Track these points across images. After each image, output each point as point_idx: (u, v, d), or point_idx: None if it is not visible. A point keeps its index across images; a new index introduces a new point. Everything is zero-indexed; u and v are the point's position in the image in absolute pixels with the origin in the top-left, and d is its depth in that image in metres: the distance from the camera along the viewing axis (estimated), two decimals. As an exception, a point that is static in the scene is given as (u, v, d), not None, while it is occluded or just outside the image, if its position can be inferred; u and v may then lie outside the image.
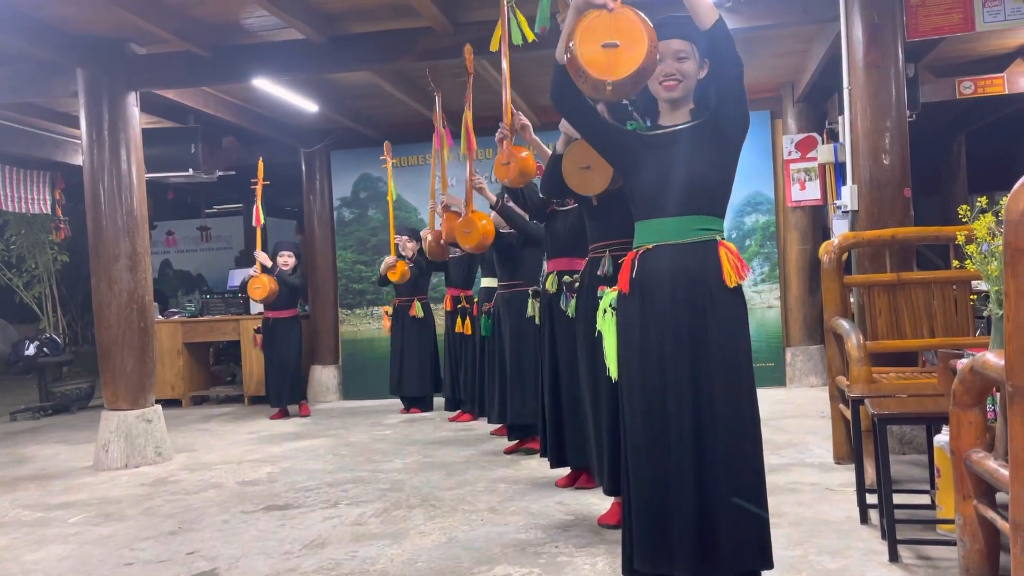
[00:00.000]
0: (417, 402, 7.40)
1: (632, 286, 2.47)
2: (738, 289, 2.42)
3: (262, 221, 7.36)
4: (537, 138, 3.98)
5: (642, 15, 2.21)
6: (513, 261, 5.19)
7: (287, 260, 7.42)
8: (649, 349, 2.42)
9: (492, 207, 4.91)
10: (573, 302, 3.67)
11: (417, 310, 7.21)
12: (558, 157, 3.30)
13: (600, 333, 2.75)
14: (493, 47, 4.00)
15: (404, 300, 7.29)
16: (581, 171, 3.21)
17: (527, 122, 3.97)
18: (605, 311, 2.75)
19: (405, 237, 7.29)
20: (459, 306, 6.70)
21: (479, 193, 4.90)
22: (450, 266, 6.80)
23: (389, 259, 7.14)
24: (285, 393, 7.39)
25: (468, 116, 4.92)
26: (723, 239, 2.44)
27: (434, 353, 7.33)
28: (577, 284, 3.64)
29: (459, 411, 6.84)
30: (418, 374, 7.25)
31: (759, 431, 2.41)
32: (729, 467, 2.33)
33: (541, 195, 3.96)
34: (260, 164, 7.34)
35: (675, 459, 2.36)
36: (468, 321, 6.60)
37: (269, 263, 7.27)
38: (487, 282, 5.99)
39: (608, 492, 3.59)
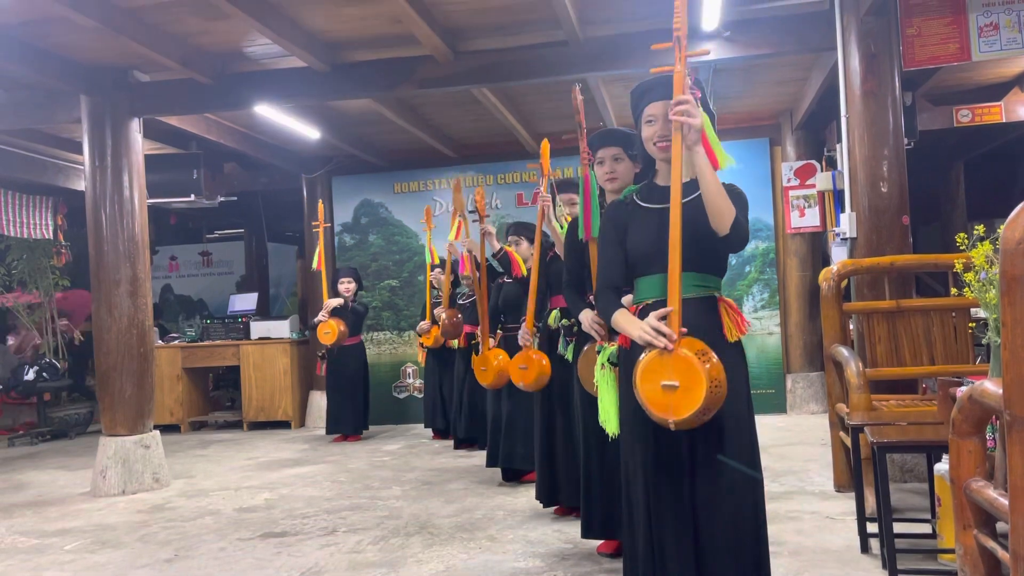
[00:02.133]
0: (448, 434, 7.28)
1: (634, 341, 2.46)
2: (738, 344, 2.41)
3: (322, 267, 7.35)
4: (557, 228, 4.05)
5: (702, 350, 2.18)
6: (517, 307, 5.19)
7: (348, 287, 7.47)
8: None
9: (494, 254, 4.95)
10: (572, 346, 3.67)
11: (452, 341, 7.14)
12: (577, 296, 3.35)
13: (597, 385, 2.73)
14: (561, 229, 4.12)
15: (437, 347, 7.20)
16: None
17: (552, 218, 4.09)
18: (603, 365, 2.73)
19: (437, 270, 7.22)
20: (473, 342, 6.57)
21: (487, 239, 4.99)
22: (465, 308, 6.76)
23: (423, 325, 7.15)
24: (347, 422, 7.37)
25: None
26: (721, 295, 2.44)
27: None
28: (576, 329, 3.64)
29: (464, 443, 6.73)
30: (449, 406, 7.13)
31: (761, 482, 2.39)
32: (730, 521, 2.30)
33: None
34: (320, 207, 7.44)
35: (675, 513, 2.33)
36: None
37: (340, 302, 7.32)
38: None
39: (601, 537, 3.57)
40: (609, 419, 2.73)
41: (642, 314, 2.44)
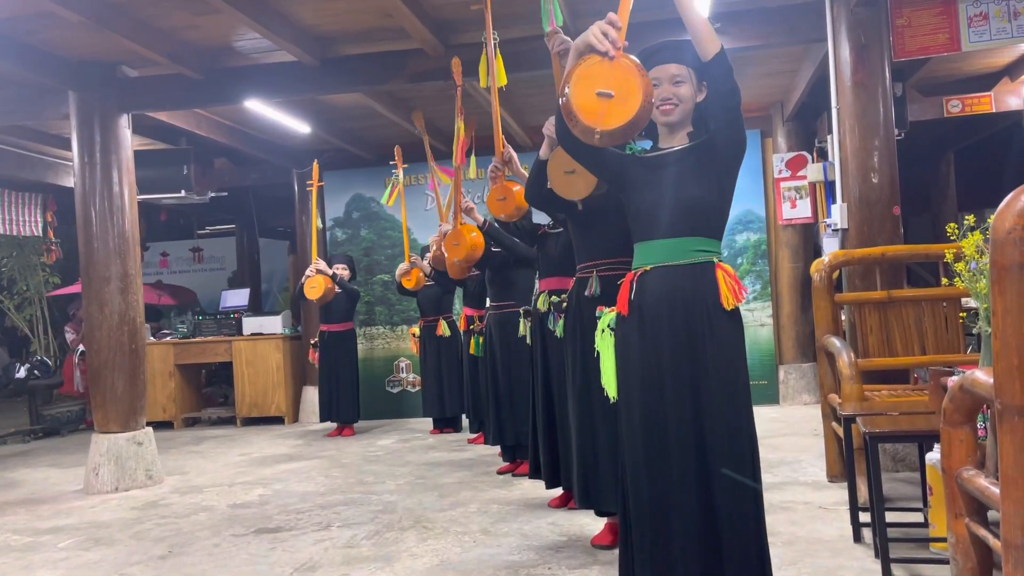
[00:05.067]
0: (451, 422, 7.27)
1: (631, 307, 2.47)
2: (735, 311, 2.42)
3: (318, 225, 7.31)
4: (523, 171, 4.03)
5: (641, 67, 2.17)
6: (505, 281, 5.20)
7: (342, 273, 7.43)
8: (648, 370, 2.41)
9: (480, 228, 4.93)
10: (561, 322, 3.67)
11: (443, 329, 7.07)
12: (542, 163, 3.27)
13: (598, 353, 2.75)
14: (482, 84, 4.07)
15: (430, 320, 7.21)
16: (565, 175, 3.17)
17: (513, 154, 4.02)
18: (603, 331, 2.75)
19: (416, 256, 7.17)
20: (471, 327, 6.44)
21: (467, 215, 4.93)
22: (468, 284, 6.71)
23: (403, 266, 7.06)
24: (341, 408, 7.33)
25: (460, 126, 4.92)
26: (720, 261, 2.44)
27: (462, 373, 7.13)
28: (565, 304, 3.65)
29: (480, 432, 6.57)
30: (446, 395, 7.11)
31: (757, 451, 2.42)
32: (729, 486, 2.33)
33: (526, 199, 3.97)
34: (315, 166, 7.36)
35: (677, 479, 2.35)
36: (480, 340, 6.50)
37: (329, 271, 7.26)
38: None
39: (600, 513, 3.57)
40: (610, 383, 2.75)
41: (640, 281, 2.46)
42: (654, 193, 2.44)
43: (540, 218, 4.24)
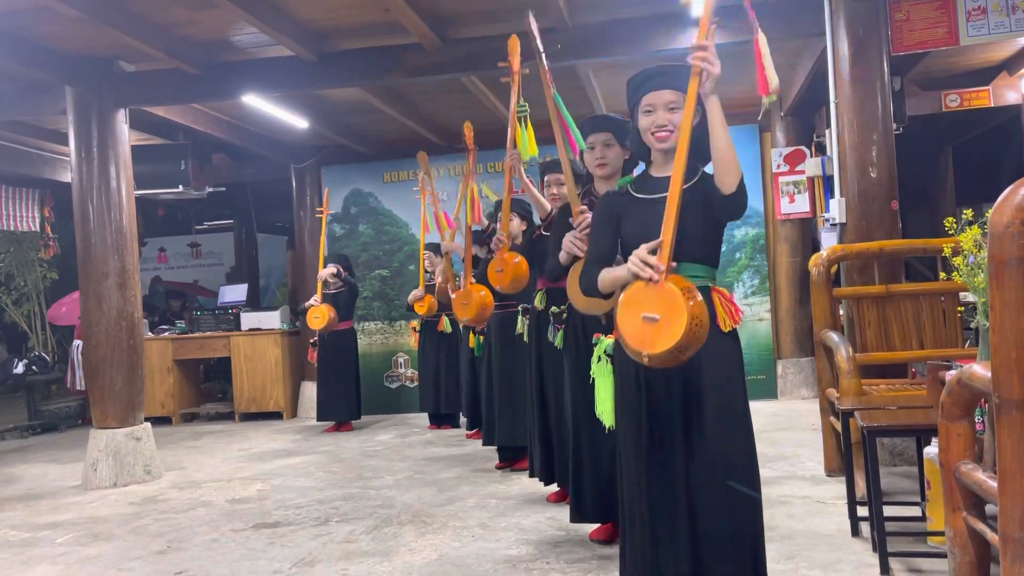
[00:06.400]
0: (447, 419, 7.25)
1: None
2: (733, 332, 2.39)
3: (325, 253, 7.49)
4: (532, 187, 3.99)
5: (688, 290, 2.15)
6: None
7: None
8: (643, 392, 2.39)
9: (483, 230, 4.93)
10: (560, 333, 3.66)
11: (445, 325, 7.04)
12: (564, 268, 3.25)
13: (593, 379, 2.73)
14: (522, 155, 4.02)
15: (431, 315, 7.20)
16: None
17: (523, 173, 3.99)
18: (600, 358, 2.73)
19: (429, 253, 7.15)
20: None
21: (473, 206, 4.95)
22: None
23: (417, 292, 7.10)
24: (339, 408, 7.34)
25: (473, 188, 4.94)
26: (715, 285, 2.42)
27: (459, 369, 7.10)
28: (565, 315, 3.63)
29: (477, 429, 6.52)
30: (443, 390, 7.10)
31: (756, 468, 2.38)
32: (723, 507, 2.31)
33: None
34: (327, 193, 7.54)
35: (670, 496, 2.33)
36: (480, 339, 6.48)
37: (333, 269, 7.31)
38: None
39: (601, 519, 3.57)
40: (606, 411, 2.72)
41: None
42: (648, 224, 2.37)
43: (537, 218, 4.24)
